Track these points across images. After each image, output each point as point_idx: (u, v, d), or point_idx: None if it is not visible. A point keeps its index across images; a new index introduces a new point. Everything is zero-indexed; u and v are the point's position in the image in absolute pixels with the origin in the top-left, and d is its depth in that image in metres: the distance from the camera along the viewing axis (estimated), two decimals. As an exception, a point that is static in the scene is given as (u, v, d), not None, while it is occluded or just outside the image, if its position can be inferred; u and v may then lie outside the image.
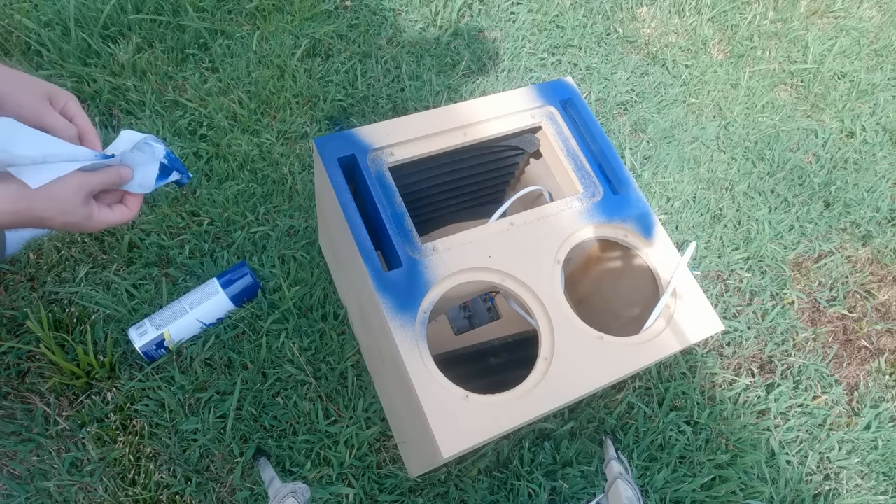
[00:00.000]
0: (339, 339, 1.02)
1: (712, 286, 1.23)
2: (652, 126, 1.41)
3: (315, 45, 1.34)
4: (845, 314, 1.26)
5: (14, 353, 0.95)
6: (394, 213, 0.75)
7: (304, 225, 1.12)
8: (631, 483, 0.71)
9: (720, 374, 1.13)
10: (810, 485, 1.06)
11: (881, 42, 1.73)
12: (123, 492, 0.88)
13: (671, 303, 0.78)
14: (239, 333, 1.01)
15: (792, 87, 1.59)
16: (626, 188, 0.84)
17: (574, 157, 0.86)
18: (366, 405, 0.98)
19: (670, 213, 1.30)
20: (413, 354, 0.67)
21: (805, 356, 1.19)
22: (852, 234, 1.37)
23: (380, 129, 0.79)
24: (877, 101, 1.60)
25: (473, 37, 1.46)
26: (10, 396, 0.93)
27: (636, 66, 1.51)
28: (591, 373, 0.71)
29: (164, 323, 0.95)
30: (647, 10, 1.62)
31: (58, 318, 0.98)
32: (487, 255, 0.75)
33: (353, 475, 0.94)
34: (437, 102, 1.33)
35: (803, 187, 1.41)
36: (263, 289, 1.05)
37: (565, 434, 1.01)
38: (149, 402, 0.94)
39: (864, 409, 1.15)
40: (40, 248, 1.04)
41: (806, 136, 1.50)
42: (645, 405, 1.06)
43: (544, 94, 0.89)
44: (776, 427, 1.10)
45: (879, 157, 1.50)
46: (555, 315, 0.72)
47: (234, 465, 0.91)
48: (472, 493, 0.94)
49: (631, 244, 0.82)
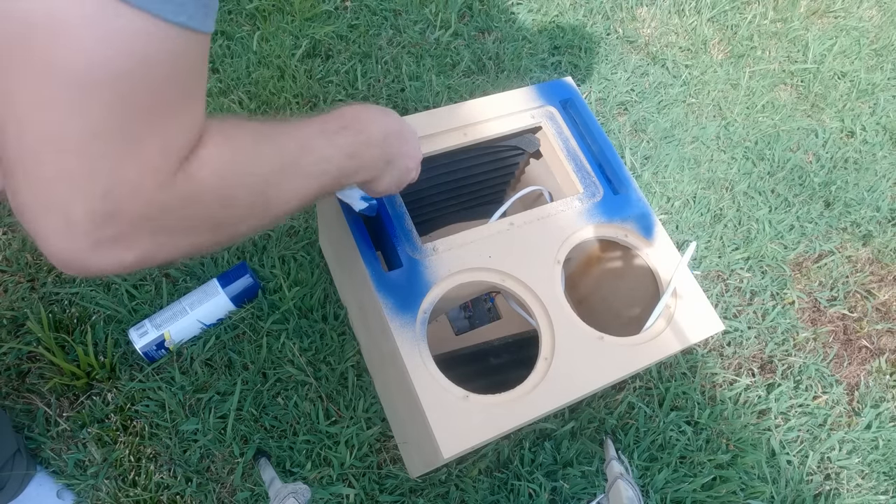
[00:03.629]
0: (340, 340, 1.02)
1: (712, 286, 1.23)
2: (652, 126, 1.41)
3: (315, 45, 1.35)
4: (846, 314, 1.26)
5: (14, 353, 0.95)
6: (394, 214, 0.75)
7: (305, 225, 1.12)
8: (631, 483, 0.71)
9: (721, 374, 1.13)
10: (811, 485, 1.06)
11: (881, 42, 1.73)
12: (124, 493, 0.88)
13: (671, 303, 0.78)
14: (239, 334, 1.01)
15: (792, 86, 1.59)
16: (626, 188, 0.84)
17: (574, 157, 0.86)
18: (366, 405, 0.98)
19: (670, 213, 1.30)
20: (413, 355, 0.67)
21: (805, 356, 1.19)
22: (853, 234, 1.37)
23: (380, 130, 0.79)
24: (877, 101, 1.60)
25: (473, 37, 1.46)
26: (11, 397, 0.93)
27: (636, 66, 1.51)
28: (592, 373, 0.71)
29: (165, 323, 0.95)
30: (647, 10, 1.62)
31: (58, 318, 0.98)
32: (488, 255, 0.75)
33: (354, 475, 0.94)
34: (437, 102, 1.33)
35: (803, 187, 1.41)
36: (264, 289, 1.05)
37: (566, 434, 1.01)
38: (149, 403, 0.94)
39: (865, 408, 1.15)
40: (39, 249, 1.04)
41: (806, 135, 1.50)
42: (645, 405, 1.06)
43: (544, 95, 0.89)
44: (777, 427, 1.10)
45: (880, 156, 1.50)
46: (555, 315, 0.72)
47: (235, 466, 0.91)
48: (473, 494, 0.94)
49: (631, 244, 0.82)
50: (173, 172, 0.35)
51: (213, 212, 0.39)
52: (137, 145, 0.32)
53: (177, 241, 0.37)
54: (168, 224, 0.36)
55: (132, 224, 0.34)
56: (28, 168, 0.31)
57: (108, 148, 0.31)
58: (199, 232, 0.39)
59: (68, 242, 0.33)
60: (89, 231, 0.32)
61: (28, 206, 0.32)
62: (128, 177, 0.32)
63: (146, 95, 0.32)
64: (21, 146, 0.30)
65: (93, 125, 0.30)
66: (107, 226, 0.33)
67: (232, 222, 0.41)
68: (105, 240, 0.33)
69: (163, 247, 0.36)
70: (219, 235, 0.41)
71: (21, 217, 0.33)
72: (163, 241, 0.36)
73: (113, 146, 0.31)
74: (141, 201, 0.33)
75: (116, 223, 0.33)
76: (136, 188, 0.33)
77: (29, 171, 0.31)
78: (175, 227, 0.36)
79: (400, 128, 0.62)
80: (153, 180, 0.34)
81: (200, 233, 0.39)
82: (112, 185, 0.32)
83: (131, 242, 0.34)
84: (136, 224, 0.34)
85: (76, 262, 0.34)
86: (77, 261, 0.33)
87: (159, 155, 0.34)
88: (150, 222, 0.34)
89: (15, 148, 0.31)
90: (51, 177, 0.31)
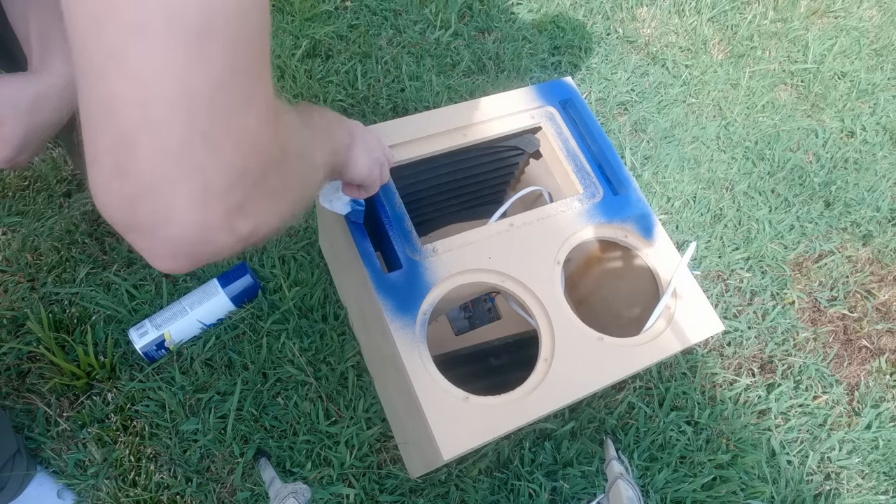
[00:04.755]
0: (340, 340, 1.02)
1: (713, 286, 1.23)
2: (652, 126, 1.41)
3: (315, 45, 1.34)
4: (846, 314, 1.26)
5: (14, 353, 0.95)
6: (394, 215, 0.75)
7: (305, 225, 1.12)
8: (631, 483, 0.71)
9: (721, 374, 1.13)
10: (811, 485, 1.06)
11: (881, 42, 1.72)
12: (124, 493, 0.88)
13: (671, 303, 0.78)
14: (239, 334, 1.01)
15: (792, 86, 1.59)
16: (626, 188, 0.84)
17: (574, 158, 0.86)
18: (366, 406, 0.98)
19: (670, 213, 1.30)
20: (413, 356, 0.67)
21: (805, 356, 1.19)
22: (853, 234, 1.37)
23: (380, 130, 0.79)
24: (877, 101, 1.60)
25: (473, 37, 1.46)
26: (11, 397, 0.93)
27: (636, 66, 1.51)
28: (592, 373, 0.71)
29: (165, 323, 0.95)
30: (647, 10, 1.62)
31: (58, 318, 0.98)
32: (487, 256, 0.75)
33: (354, 475, 0.94)
34: (437, 103, 1.33)
35: (803, 187, 1.41)
36: (264, 289, 1.05)
37: (566, 434, 1.01)
38: (149, 403, 0.94)
39: (865, 408, 1.15)
40: (39, 249, 1.04)
41: (806, 135, 1.50)
42: (645, 405, 1.06)
43: (544, 95, 0.89)
44: (777, 427, 1.10)
45: (880, 156, 1.50)
46: (555, 316, 0.72)
47: (235, 466, 0.92)
48: (473, 494, 0.94)
49: (631, 244, 0.82)
50: (272, 124, 0.33)
51: (293, 171, 0.38)
52: (252, 98, 0.31)
53: (275, 208, 0.36)
54: (273, 185, 0.34)
55: (255, 184, 0.32)
56: (155, 136, 0.28)
57: (232, 99, 0.29)
58: (286, 198, 0.37)
59: (203, 212, 0.30)
60: (223, 195, 0.30)
61: (154, 181, 0.28)
62: (250, 128, 0.31)
63: (250, 42, 0.30)
64: (145, 113, 0.27)
65: (215, 77, 0.28)
66: (236, 188, 0.31)
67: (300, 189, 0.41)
68: (233, 207, 0.31)
69: (266, 216, 0.35)
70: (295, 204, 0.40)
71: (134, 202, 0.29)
72: (267, 208, 0.34)
73: (235, 97, 0.30)
74: (261, 154, 0.32)
75: (243, 184, 0.31)
76: (256, 140, 0.31)
77: (156, 140, 0.28)
78: (276, 188, 0.35)
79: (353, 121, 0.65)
80: (266, 132, 0.32)
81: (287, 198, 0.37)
82: (240, 140, 0.30)
83: (249, 209, 0.32)
84: (257, 184, 0.32)
85: (204, 237, 0.31)
86: (206, 236, 0.31)
87: (265, 105, 0.32)
88: (264, 182, 0.33)
89: (134, 117, 0.27)
90: (182, 141, 0.28)
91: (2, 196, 1.09)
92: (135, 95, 0.27)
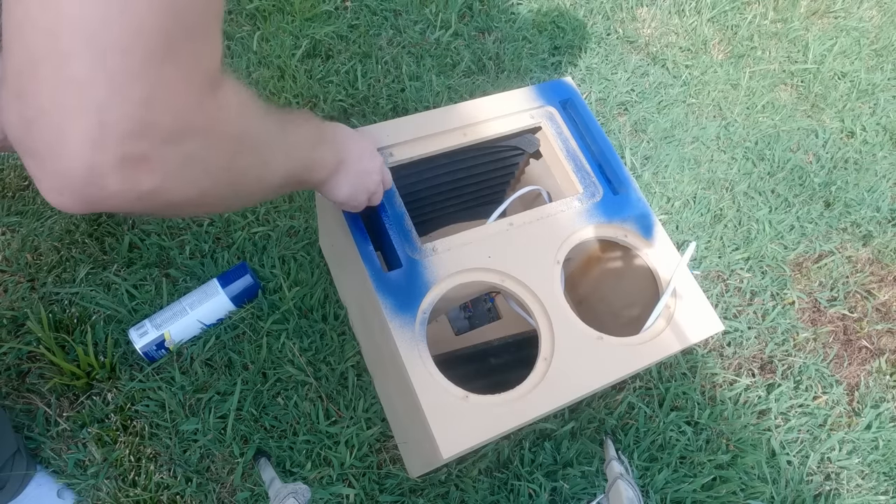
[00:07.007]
0: (340, 340, 1.02)
1: (712, 286, 1.23)
2: (652, 126, 1.41)
3: (315, 45, 1.35)
4: (846, 314, 1.26)
5: (14, 353, 0.95)
6: (393, 214, 0.75)
7: (305, 225, 1.12)
8: (631, 483, 0.71)
9: (721, 375, 1.13)
10: (811, 485, 1.06)
11: (881, 42, 1.72)
12: (124, 493, 0.88)
13: (671, 303, 0.78)
14: (239, 334, 1.01)
15: (792, 87, 1.59)
16: (625, 188, 0.84)
17: (574, 158, 0.86)
18: (366, 405, 0.98)
19: (670, 213, 1.30)
20: (413, 355, 0.67)
21: (805, 356, 1.19)
22: (853, 234, 1.37)
23: (380, 130, 0.79)
24: (877, 101, 1.60)
25: (473, 37, 1.46)
26: (11, 397, 0.93)
27: (636, 66, 1.51)
28: (591, 373, 0.71)
29: (165, 323, 0.96)
30: (647, 10, 1.62)
31: (58, 318, 0.99)
32: (487, 255, 0.75)
33: (354, 475, 0.94)
34: (437, 103, 1.33)
35: (803, 187, 1.41)
36: (264, 289, 1.05)
37: (566, 434, 1.01)
38: (149, 403, 0.94)
39: (865, 409, 1.15)
40: (39, 249, 1.04)
41: (806, 136, 1.50)
42: (645, 405, 1.06)
43: (544, 95, 0.89)
44: (777, 427, 1.10)
45: (880, 157, 1.50)
46: (555, 315, 0.72)
47: (235, 466, 0.92)
48: (473, 494, 0.94)
49: (631, 244, 0.82)
50: (205, 91, 0.33)
51: (227, 151, 0.38)
52: (176, 52, 0.30)
53: (192, 177, 0.35)
54: (190, 152, 0.34)
55: (163, 141, 0.32)
56: (59, 65, 0.28)
57: (153, 49, 0.29)
58: (211, 173, 0.37)
59: (95, 153, 0.29)
60: (121, 140, 0.30)
61: (51, 110, 0.28)
62: (168, 84, 0.30)
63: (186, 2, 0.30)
64: (53, 41, 0.27)
65: (138, 22, 0.28)
66: (140, 138, 0.30)
67: (235, 176, 0.40)
68: (132, 156, 0.31)
69: (177, 180, 0.34)
70: (221, 187, 0.39)
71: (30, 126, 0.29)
72: (180, 173, 0.34)
73: (156, 49, 0.29)
74: (176, 114, 0.32)
75: (149, 136, 0.31)
76: (174, 99, 0.31)
77: (60, 69, 0.28)
78: (194, 159, 0.35)
79: (353, 134, 0.63)
80: (189, 93, 0.32)
81: (211, 174, 0.37)
82: (153, 92, 0.30)
83: (154, 164, 0.32)
84: (166, 141, 0.32)
85: (94, 179, 0.30)
86: (96, 178, 0.30)
87: (194, 67, 0.32)
88: (176, 145, 0.33)
89: (42, 43, 0.27)
90: (87, 75, 0.28)
91: (2, 196, 1.09)
92: (46, 22, 0.27)
